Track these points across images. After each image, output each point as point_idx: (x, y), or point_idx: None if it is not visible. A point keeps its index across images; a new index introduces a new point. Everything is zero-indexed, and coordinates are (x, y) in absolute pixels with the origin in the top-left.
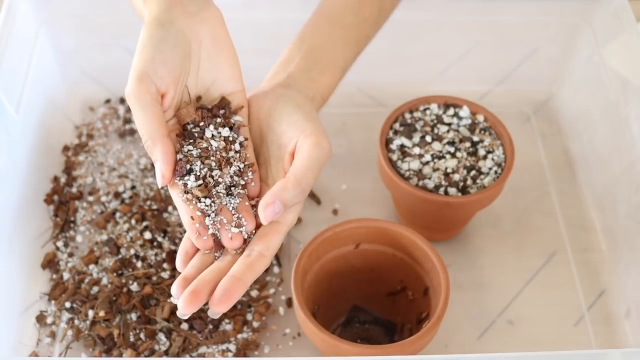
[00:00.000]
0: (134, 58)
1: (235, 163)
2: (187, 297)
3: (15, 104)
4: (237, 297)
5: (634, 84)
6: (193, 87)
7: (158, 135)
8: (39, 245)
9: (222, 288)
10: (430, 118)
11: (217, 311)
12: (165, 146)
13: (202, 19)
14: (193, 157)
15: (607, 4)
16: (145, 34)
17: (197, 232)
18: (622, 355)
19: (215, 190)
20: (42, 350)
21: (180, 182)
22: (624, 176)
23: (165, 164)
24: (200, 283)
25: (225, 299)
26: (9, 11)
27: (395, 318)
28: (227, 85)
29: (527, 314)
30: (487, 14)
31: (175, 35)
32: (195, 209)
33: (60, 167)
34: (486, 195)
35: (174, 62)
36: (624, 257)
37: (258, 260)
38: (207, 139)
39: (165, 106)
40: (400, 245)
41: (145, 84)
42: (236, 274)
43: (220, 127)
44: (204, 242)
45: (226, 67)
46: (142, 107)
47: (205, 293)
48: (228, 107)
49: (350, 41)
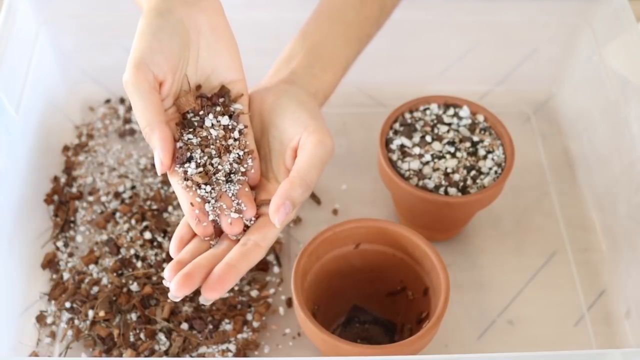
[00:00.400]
0: (132, 46)
1: (234, 150)
2: (180, 280)
3: (15, 104)
4: (230, 284)
5: (634, 84)
6: (193, 75)
7: (156, 122)
8: (39, 245)
9: (216, 274)
10: (430, 118)
11: (208, 297)
12: (163, 133)
13: (200, 8)
14: (193, 145)
15: (607, 4)
16: (143, 23)
17: (196, 218)
18: (622, 355)
19: (214, 177)
20: (42, 350)
21: (181, 169)
22: (624, 176)
23: (164, 151)
24: (194, 267)
25: (218, 286)
26: (9, 11)
27: (395, 318)
28: (227, 73)
29: (527, 314)
30: (487, 14)
31: (173, 24)
32: (195, 195)
33: (60, 167)
34: (486, 195)
35: (172, 50)
36: (624, 257)
37: (253, 250)
38: (206, 127)
39: (164, 94)
40: (400, 245)
41: (143, 72)
42: (231, 262)
43: (219, 115)
44: (203, 229)
45: (226, 56)
46: (140, 94)
47: (198, 277)
48: (227, 96)
49: (352, 39)
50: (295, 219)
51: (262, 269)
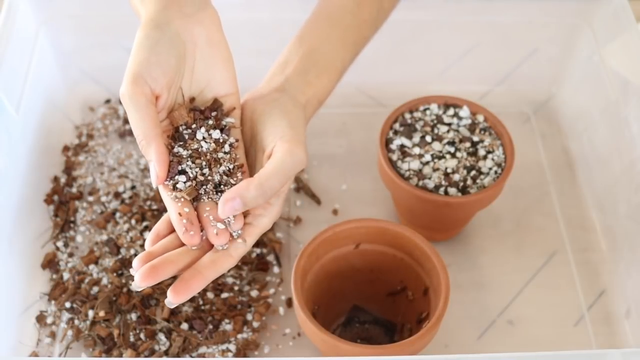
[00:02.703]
0: (130, 59)
1: (224, 163)
2: (145, 271)
3: (15, 104)
4: (195, 290)
5: (634, 84)
6: (187, 88)
7: (152, 135)
8: (39, 245)
9: (182, 279)
10: (430, 118)
11: (173, 301)
12: (159, 146)
13: (198, 20)
14: (183, 158)
15: (607, 4)
16: (141, 35)
17: (184, 227)
18: (622, 355)
19: (203, 188)
20: (42, 350)
21: (171, 182)
22: (624, 176)
23: (160, 164)
24: (162, 261)
25: (183, 290)
26: (9, 11)
27: (395, 318)
28: (221, 87)
29: (527, 314)
30: (487, 14)
31: (171, 37)
32: (183, 205)
33: (60, 167)
34: (486, 195)
35: (169, 64)
36: (624, 257)
37: (223, 258)
38: (197, 140)
39: (159, 107)
40: (400, 245)
41: (140, 86)
42: (198, 267)
43: (211, 129)
44: (190, 238)
45: (221, 70)
46: (137, 108)
47: (164, 271)
48: (220, 109)
49: (349, 42)
50: (295, 219)
51: (262, 269)
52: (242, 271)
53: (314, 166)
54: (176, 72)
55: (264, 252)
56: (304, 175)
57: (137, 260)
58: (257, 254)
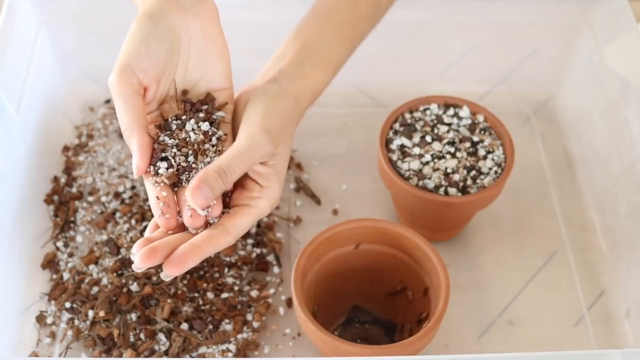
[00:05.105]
0: (121, 48)
1: (210, 154)
2: (145, 252)
3: (15, 104)
4: (191, 263)
5: (634, 84)
6: (181, 81)
7: (135, 126)
8: (39, 245)
9: (178, 252)
10: (430, 118)
11: (169, 274)
12: (141, 138)
13: (194, 13)
14: (168, 146)
15: (607, 4)
16: (134, 26)
17: (160, 210)
18: (622, 355)
19: (185, 175)
20: (42, 350)
21: (153, 169)
22: (624, 176)
23: (141, 155)
24: (161, 243)
25: (179, 263)
26: (9, 11)
27: (395, 318)
28: (215, 81)
29: (527, 314)
30: (487, 14)
31: (164, 29)
32: (162, 189)
33: (60, 167)
34: (486, 195)
35: (159, 56)
36: (624, 257)
37: (220, 234)
38: (186, 131)
39: (148, 99)
40: (400, 245)
41: (127, 76)
42: (195, 242)
43: (201, 121)
44: (166, 221)
45: (216, 64)
46: (123, 98)
47: (163, 252)
48: (212, 103)
49: (345, 37)
50: (295, 219)
51: (262, 269)
52: (242, 271)
53: (314, 166)
54: (167, 65)
55: (264, 252)
56: (304, 175)
57: (137, 244)
58: (257, 254)
